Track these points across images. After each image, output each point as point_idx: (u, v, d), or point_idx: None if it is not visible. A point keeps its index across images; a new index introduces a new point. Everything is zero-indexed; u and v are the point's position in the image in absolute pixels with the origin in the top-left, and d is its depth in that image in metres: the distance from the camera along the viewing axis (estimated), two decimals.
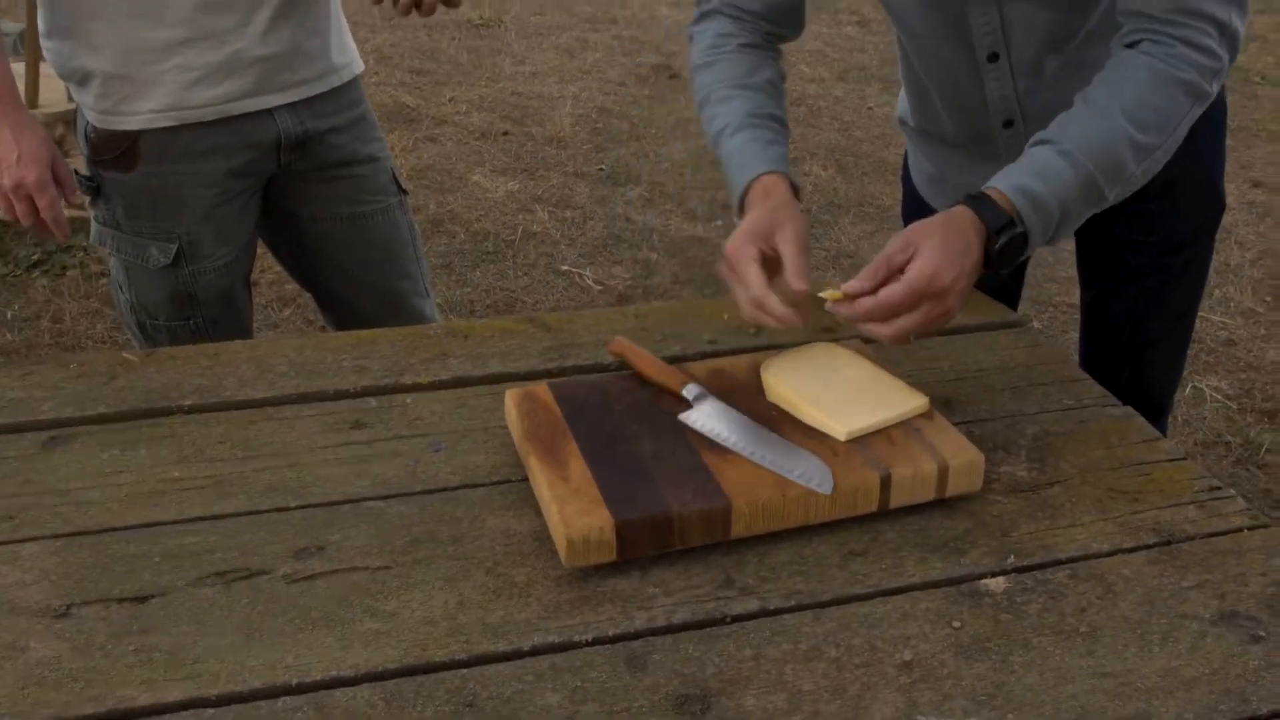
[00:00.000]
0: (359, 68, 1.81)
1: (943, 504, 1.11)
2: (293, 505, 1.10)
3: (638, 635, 0.95)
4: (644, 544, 1.01)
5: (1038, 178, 1.17)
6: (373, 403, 1.27)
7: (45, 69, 3.43)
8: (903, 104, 1.67)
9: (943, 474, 1.09)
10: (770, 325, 1.16)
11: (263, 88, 1.64)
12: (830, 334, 1.42)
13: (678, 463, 1.08)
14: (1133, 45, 1.23)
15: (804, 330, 1.22)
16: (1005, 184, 1.17)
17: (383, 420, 1.24)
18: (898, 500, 1.09)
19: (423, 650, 0.92)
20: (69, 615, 0.95)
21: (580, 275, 3.56)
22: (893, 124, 5.11)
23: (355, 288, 1.87)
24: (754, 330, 1.45)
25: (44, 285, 3.41)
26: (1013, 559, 1.05)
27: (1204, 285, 1.64)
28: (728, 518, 1.02)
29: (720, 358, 1.32)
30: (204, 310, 1.73)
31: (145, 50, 1.56)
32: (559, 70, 5.61)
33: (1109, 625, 0.97)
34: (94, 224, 1.72)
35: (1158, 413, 1.66)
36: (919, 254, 1.12)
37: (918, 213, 1.67)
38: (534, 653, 0.93)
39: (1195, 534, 1.10)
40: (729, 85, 1.40)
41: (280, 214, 1.79)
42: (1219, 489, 1.17)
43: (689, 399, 1.17)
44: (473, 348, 1.40)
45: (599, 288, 3.50)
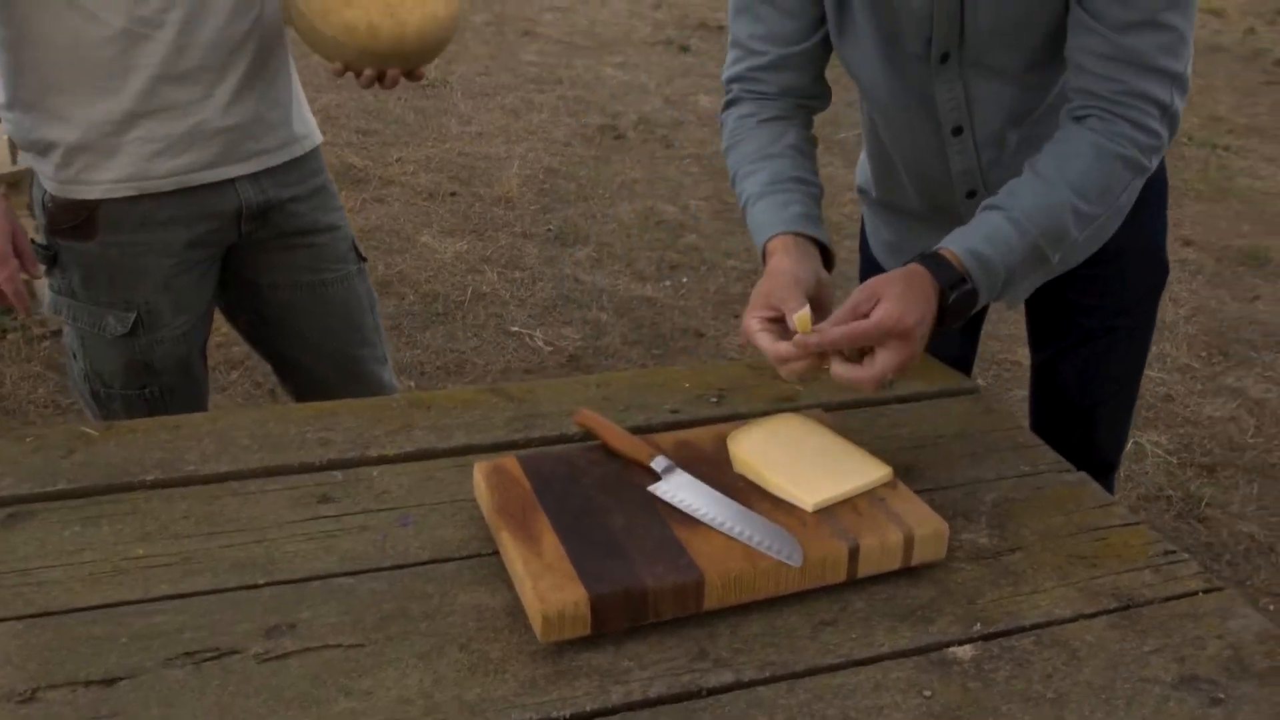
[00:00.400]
0: (318, 138, 1.83)
1: (909, 572, 1.13)
2: (261, 582, 1.09)
3: (615, 710, 0.95)
4: (618, 618, 1.01)
5: (987, 242, 1.24)
6: (339, 476, 1.27)
7: None
8: (862, 173, 1.71)
9: (909, 544, 1.11)
10: (804, 374, 1.20)
11: (225, 158, 1.64)
12: (792, 403, 1.44)
13: (649, 536, 1.09)
14: (1080, 119, 1.29)
15: (766, 400, 1.25)
16: (958, 246, 1.24)
17: (349, 494, 1.24)
18: (865, 570, 1.10)
19: None
20: (34, 700, 0.94)
21: (530, 336, 3.57)
22: (837, 184, 5.20)
23: (314, 356, 1.86)
24: (715, 398, 1.47)
25: None
26: (979, 626, 1.07)
27: (1149, 347, 1.70)
28: (700, 590, 1.03)
29: (684, 429, 1.33)
30: (160, 379, 1.72)
31: (108, 122, 1.56)
32: (505, 130, 5.65)
33: (1075, 691, 0.99)
34: (49, 293, 1.70)
35: (1107, 469, 1.70)
36: (884, 299, 1.18)
37: None
38: None
39: (1153, 598, 1.13)
40: (751, 160, 1.43)
41: (239, 283, 1.79)
42: (1173, 552, 1.20)
43: (657, 471, 1.18)
44: (436, 419, 1.40)
45: (549, 348, 3.51)
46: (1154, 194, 1.55)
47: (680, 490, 1.15)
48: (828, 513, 1.14)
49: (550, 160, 5.23)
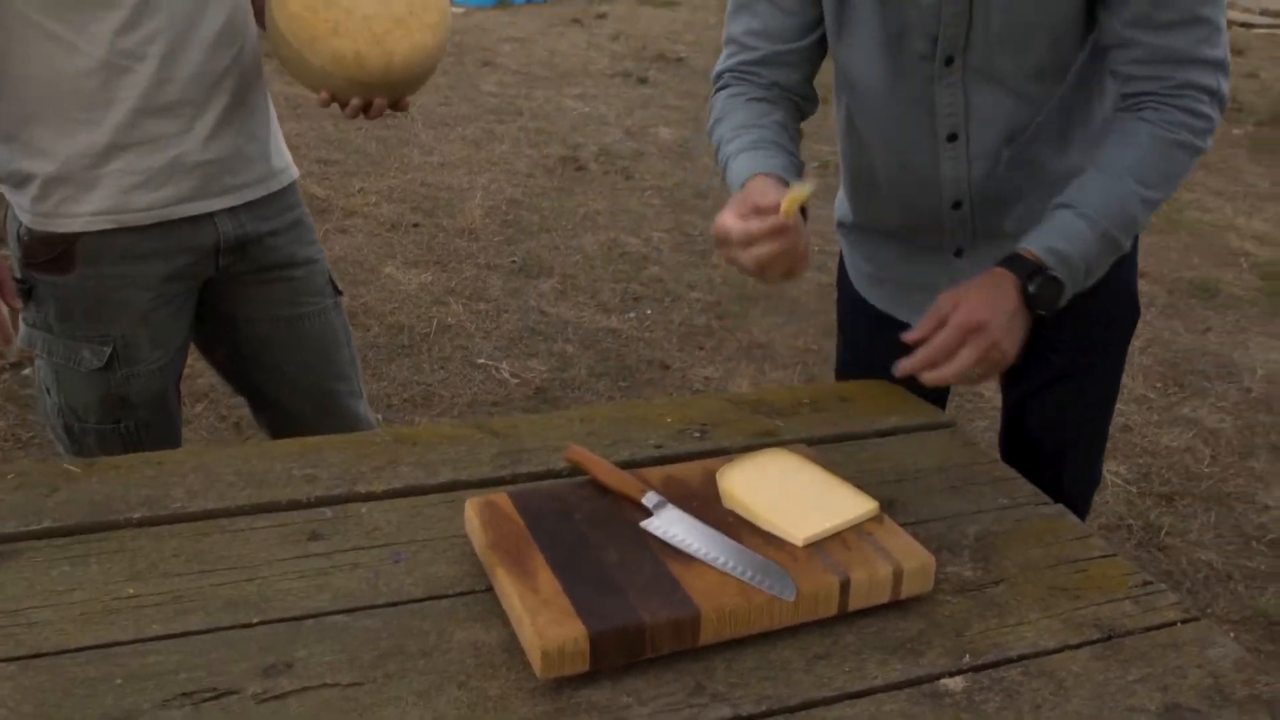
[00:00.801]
0: (295, 173, 1.83)
1: (897, 605, 1.15)
2: (255, 621, 1.09)
3: None
4: (616, 654, 1.02)
5: (1062, 238, 1.35)
6: (328, 513, 1.27)
7: None
8: (840, 206, 1.73)
9: (897, 577, 1.13)
10: (769, 249, 1.23)
11: (204, 192, 1.64)
12: (774, 437, 1.46)
13: (643, 571, 1.10)
14: (1135, 110, 1.39)
15: (748, 434, 1.26)
16: (1035, 245, 1.35)
17: (340, 531, 1.24)
18: (855, 603, 1.12)
19: None
20: None
21: (496, 368, 3.57)
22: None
23: (290, 390, 1.86)
24: (698, 433, 1.48)
25: None
26: (968, 658, 1.09)
27: (1119, 388, 1.73)
28: (696, 625, 1.04)
29: (670, 463, 1.34)
30: (136, 413, 1.71)
31: (87, 154, 1.56)
32: (467, 161, 5.66)
33: None
34: (23, 326, 1.69)
35: (1079, 507, 1.73)
36: (961, 302, 1.31)
37: (859, 313, 1.73)
38: None
39: (1134, 629, 1.15)
40: (736, 129, 1.47)
41: (216, 317, 1.79)
42: (1151, 583, 1.23)
43: (648, 507, 1.19)
44: (422, 454, 1.40)
45: (516, 381, 3.52)
46: None
47: (672, 526, 1.16)
48: (817, 547, 1.15)
49: (513, 191, 5.25)
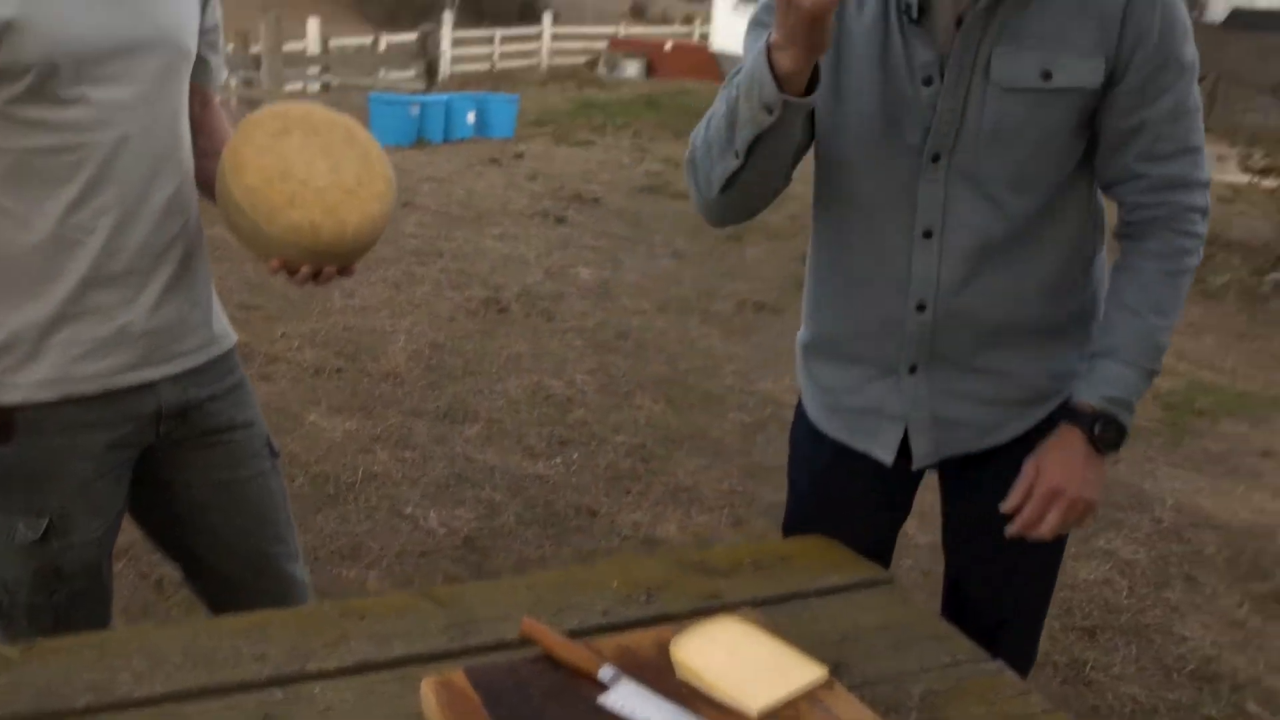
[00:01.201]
0: (235, 337, 1.84)
1: None
2: None
3: None
4: None
5: (1112, 386, 1.55)
6: (279, 694, 1.26)
7: None
8: (801, 333, 1.78)
9: None
10: None
11: (148, 360, 1.65)
12: (719, 599, 1.49)
13: None
14: (1139, 239, 1.57)
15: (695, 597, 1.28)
16: (1090, 397, 1.55)
17: (293, 714, 1.22)
18: None
19: None
20: None
21: (424, 518, 3.55)
22: (715, 355, 5.36)
23: (226, 554, 1.84)
24: (645, 597, 1.50)
25: None
26: None
27: (1062, 555, 1.79)
28: None
29: (619, 630, 1.36)
30: (69, 585, 1.67)
31: (33, 325, 1.55)
32: (389, 304, 5.69)
33: None
34: None
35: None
36: (1042, 470, 1.53)
37: (817, 445, 1.76)
38: None
39: None
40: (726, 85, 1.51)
41: (153, 483, 1.77)
42: None
43: (604, 681, 1.20)
44: (371, 627, 1.40)
45: (444, 530, 3.49)
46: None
47: (629, 699, 1.17)
48: (771, 716, 1.17)
49: (435, 335, 5.28)
